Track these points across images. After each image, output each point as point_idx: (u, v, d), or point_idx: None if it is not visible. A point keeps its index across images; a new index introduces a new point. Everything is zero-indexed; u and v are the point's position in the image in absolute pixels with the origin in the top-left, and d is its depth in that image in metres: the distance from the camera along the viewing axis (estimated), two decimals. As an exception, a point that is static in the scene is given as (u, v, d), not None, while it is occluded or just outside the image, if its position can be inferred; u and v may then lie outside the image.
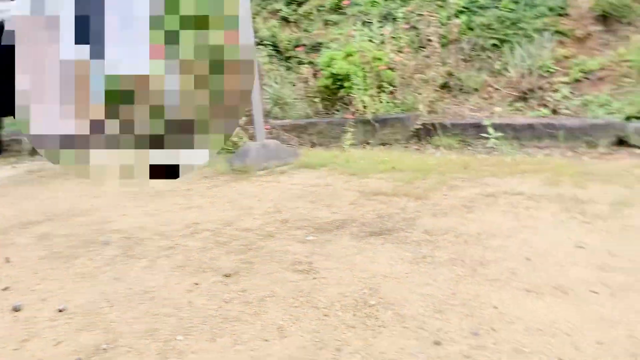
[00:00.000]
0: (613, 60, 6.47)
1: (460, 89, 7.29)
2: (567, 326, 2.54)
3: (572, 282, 2.93)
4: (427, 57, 7.28)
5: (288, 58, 8.51)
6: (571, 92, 6.49)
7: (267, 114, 7.24)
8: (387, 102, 6.93)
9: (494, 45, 7.34)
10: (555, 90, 6.58)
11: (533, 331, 2.54)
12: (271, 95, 7.70)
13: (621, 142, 5.42)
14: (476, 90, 7.18)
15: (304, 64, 8.07)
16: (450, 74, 7.31)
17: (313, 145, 7.02)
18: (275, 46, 8.60)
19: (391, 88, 7.02)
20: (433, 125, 6.54)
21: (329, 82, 7.12)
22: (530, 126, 5.99)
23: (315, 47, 8.32)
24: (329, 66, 7.09)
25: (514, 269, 3.14)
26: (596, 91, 6.32)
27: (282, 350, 2.56)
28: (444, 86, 7.30)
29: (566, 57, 6.87)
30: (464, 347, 2.47)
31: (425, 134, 6.62)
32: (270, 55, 8.39)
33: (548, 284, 2.94)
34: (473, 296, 2.90)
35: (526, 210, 4.00)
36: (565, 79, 6.61)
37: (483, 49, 7.39)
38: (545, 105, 6.46)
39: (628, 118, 5.52)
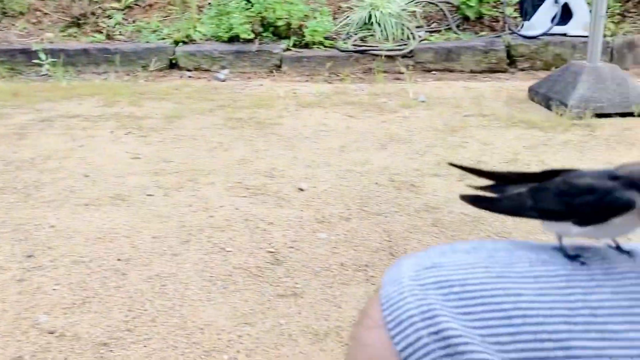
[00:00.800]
0: (160, -13, 6.73)
1: (4, 13, 6.49)
2: (126, 229, 2.60)
3: (130, 189, 2.99)
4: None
5: None
6: (124, 19, 6.51)
7: None
8: None
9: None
10: (109, 17, 6.49)
11: (93, 241, 2.51)
12: None
13: (172, 65, 5.75)
14: (22, 14, 6.50)
15: None
16: (-13, -5, 6.40)
17: None
18: None
19: None
20: (-27, 51, 5.67)
21: None
22: (86, 51, 5.79)
23: None
24: None
25: (72, 187, 3.03)
26: (147, 18, 6.50)
27: None
28: (-18, 8, 6.37)
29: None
30: (17, 272, 2.27)
31: (-36, 62, 5.69)
32: None
33: (107, 195, 2.93)
34: (28, 220, 2.67)
35: (84, 130, 3.89)
36: (117, 5, 6.57)
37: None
38: (99, 31, 6.32)
39: (176, 43, 5.87)
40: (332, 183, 3.05)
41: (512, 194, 0.52)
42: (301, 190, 2.98)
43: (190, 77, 5.54)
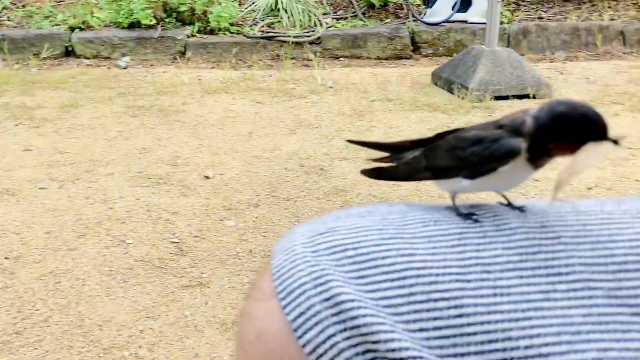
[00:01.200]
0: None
1: None
2: (15, 225, 2.40)
3: (21, 183, 2.78)
4: None
5: None
6: (12, 3, 6.06)
7: None
8: None
9: None
10: (-7, 0, 6.02)
11: (-23, 239, 2.30)
12: None
13: (68, 53, 5.42)
14: None
15: None
16: None
17: None
18: None
19: None
20: None
21: None
22: (-32, 38, 5.33)
23: None
24: None
25: (-47, 182, 2.77)
26: (39, 2, 6.09)
27: None
28: None
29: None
30: None
31: None
32: None
33: (-7, 190, 2.70)
34: None
35: (-34, 122, 3.57)
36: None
37: None
38: (-17, 16, 5.85)
39: (72, 29, 5.54)
40: (239, 170, 2.98)
41: (408, 159, 0.52)
42: (207, 178, 2.88)
43: (88, 65, 5.24)
